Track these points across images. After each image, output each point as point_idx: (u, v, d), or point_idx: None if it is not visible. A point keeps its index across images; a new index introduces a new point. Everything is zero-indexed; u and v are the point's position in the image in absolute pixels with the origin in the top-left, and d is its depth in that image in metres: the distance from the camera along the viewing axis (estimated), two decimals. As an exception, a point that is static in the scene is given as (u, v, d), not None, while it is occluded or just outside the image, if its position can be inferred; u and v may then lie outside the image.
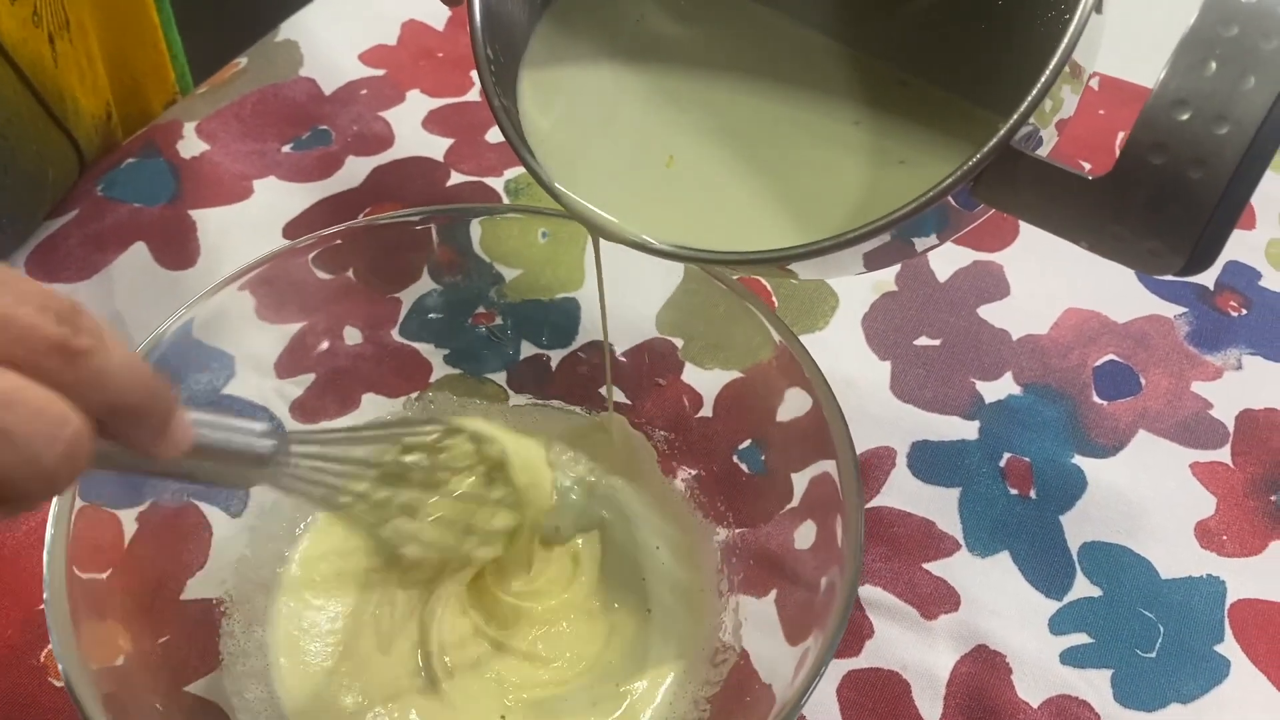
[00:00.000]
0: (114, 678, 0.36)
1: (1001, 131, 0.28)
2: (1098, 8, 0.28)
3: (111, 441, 0.27)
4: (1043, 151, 0.32)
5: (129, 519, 0.40)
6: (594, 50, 0.40)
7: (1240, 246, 0.59)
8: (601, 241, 0.38)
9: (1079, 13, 0.28)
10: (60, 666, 0.33)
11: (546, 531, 0.45)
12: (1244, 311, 0.56)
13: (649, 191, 0.37)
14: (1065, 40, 0.28)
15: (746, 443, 0.46)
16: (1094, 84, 0.67)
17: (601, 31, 0.40)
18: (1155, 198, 0.27)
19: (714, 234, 0.35)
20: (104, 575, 0.38)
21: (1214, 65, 0.26)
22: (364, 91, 0.65)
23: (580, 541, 0.46)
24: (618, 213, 0.36)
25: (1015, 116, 0.28)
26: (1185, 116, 0.26)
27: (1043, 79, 0.28)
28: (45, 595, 0.34)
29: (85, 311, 0.25)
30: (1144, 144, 0.27)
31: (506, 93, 0.37)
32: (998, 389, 0.52)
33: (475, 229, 0.48)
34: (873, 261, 0.35)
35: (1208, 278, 0.57)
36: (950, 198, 0.30)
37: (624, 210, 0.36)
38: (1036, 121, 0.30)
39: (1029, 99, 0.28)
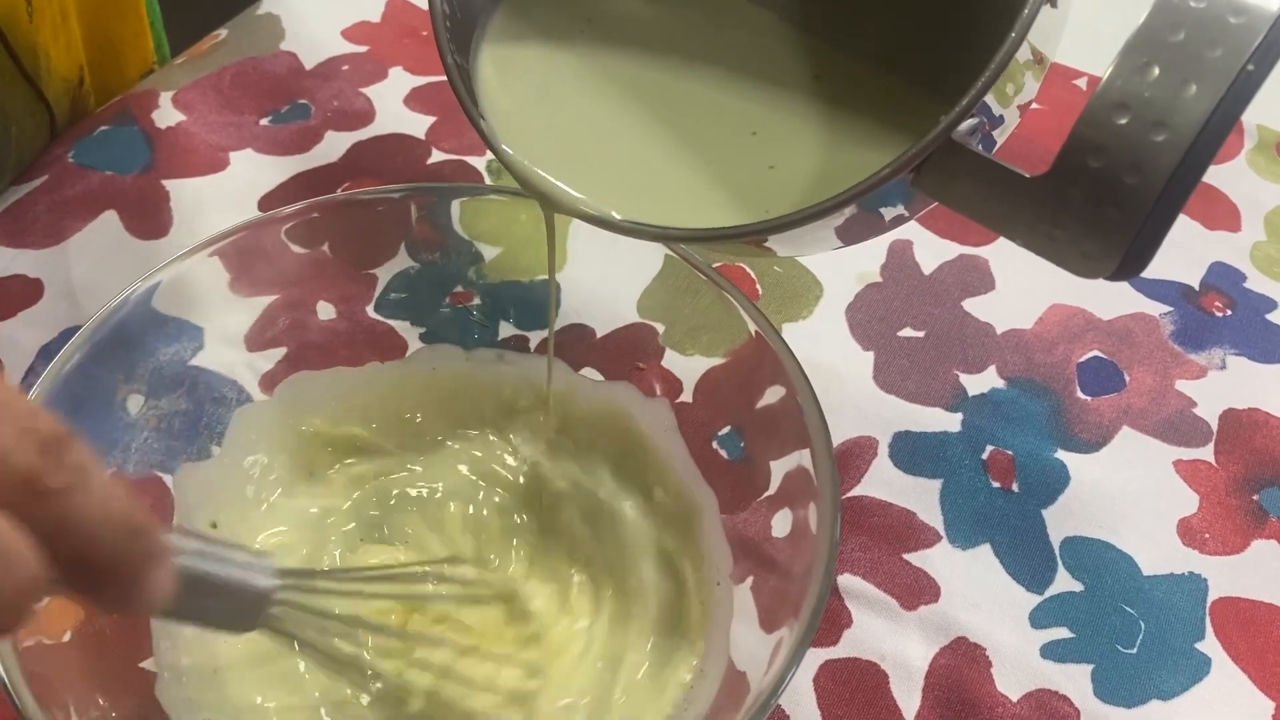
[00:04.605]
0: (47, 656, 0.33)
1: (942, 124, 0.28)
2: (1051, 2, 0.28)
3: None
4: (1003, 133, 0.32)
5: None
6: (553, 24, 0.39)
7: (1226, 249, 0.59)
8: (559, 217, 0.37)
9: (1028, 6, 0.27)
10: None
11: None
12: (1228, 312, 0.55)
13: (597, 165, 0.37)
14: (1009, 40, 0.27)
15: (726, 429, 0.45)
16: (1081, 84, 0.66)
17: (561, 7, 0.39)
18: (1090, 201, 0.26)
19: (656, 208, 0.35)
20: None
21: (1157, 70, 0.25)
22: (345, 67, 0.64)
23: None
24: (567, 183, 0.36)
25: (956, 111, 0.28)
26: (1124, 121, 0.26)
27: (981, 80, 0.28)
28: None
29: (75, 444, 0.22)
30: (1083, 146, 0.26)
31: (460, 51, 0.36)
32: (981, 382, 0.52)
33: (455, 207, 0.47)
34: (846, 238, 0.35)
35: (1193, 278, 0.57)
36: (889, 186, 0.29)
37: (573, 182, 0.36)
38: (997, 102, 0.29)
39: (969, 95, 0.28)
